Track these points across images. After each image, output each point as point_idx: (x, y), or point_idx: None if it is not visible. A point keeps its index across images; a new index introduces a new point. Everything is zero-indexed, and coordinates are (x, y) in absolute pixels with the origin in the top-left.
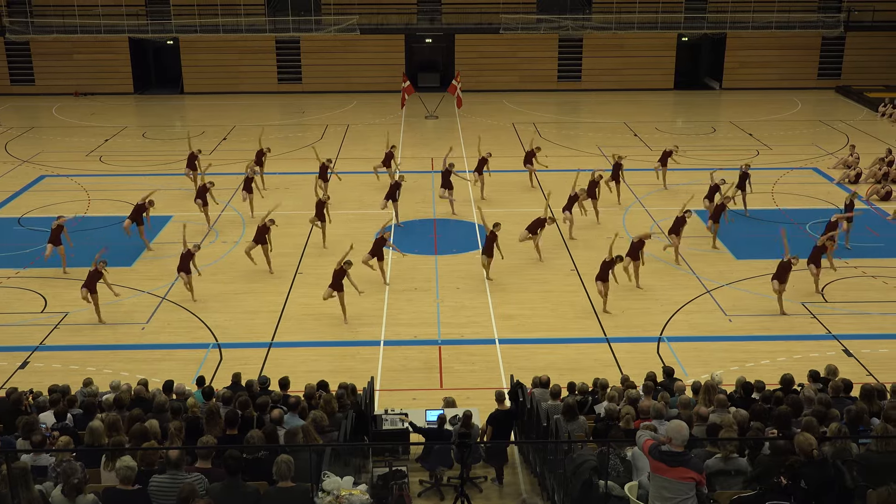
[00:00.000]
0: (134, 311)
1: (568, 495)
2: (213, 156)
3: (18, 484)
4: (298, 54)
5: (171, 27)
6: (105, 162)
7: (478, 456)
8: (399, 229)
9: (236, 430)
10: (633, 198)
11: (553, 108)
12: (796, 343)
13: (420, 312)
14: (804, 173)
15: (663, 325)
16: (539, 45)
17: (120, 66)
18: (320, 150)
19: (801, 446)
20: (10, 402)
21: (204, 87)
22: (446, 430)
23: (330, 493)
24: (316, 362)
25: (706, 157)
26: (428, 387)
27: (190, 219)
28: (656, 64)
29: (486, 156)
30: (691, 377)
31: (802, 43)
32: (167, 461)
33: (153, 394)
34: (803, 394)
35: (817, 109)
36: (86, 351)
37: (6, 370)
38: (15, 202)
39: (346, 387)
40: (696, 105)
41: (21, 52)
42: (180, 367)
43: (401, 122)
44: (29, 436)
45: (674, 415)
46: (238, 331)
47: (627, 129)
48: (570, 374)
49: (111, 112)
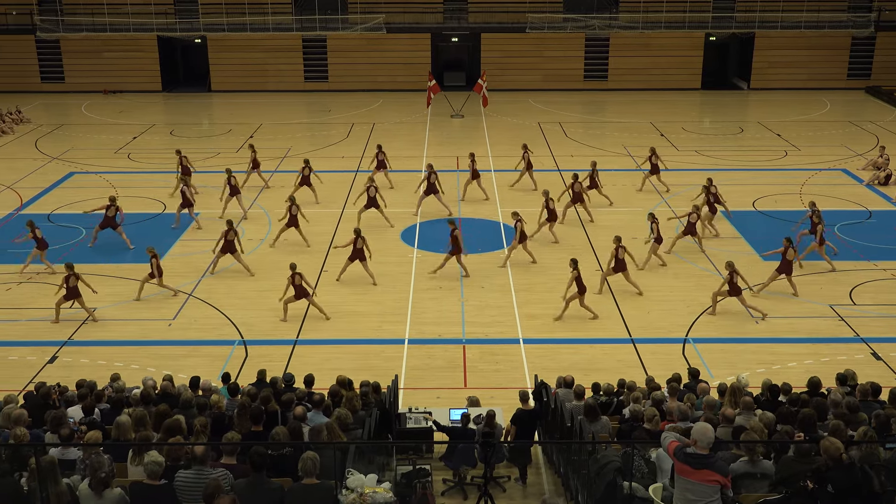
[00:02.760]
0: (161, 307)
1: (592, 496)
2: (241, 154)
3: (47, 477)
4: (325, 53)
5: (199, 26)
6: (133, 159)
7: (501, 455)
8: (424, 228)
9: (261, 427)
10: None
11: (579, 108)
12: (824, 346)
13: (445, 311)
14: (833, 174)
15: (689, 326)
16: (565, 45)
17: (148, 64)
18: (343, 150)
19: (828, 450)
20: (38, 396)
21: (231, 85)
22: (470, 430)
23: (354, 491)
24: (340, 360)
25: (734, 157)
26: (452, 386)
27: (212, 216)
28: (683, 64)
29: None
30: (717, 379)
31: (832, 43)
32: (193, 457)
33: (179, 389)
34: (830, 397)
35: (847, 110)
36: (113, 346)
37: (35, 364)
38: (44, 198)
39: (369, 385)
40: (723, 105)
41: (52, 51)
42: (206, 364)
43: (426, 120)
44: (57, 430)
45: (699, 416)
46: (263, 328)
47: (654, 129)
48: (594, 374)
49: (139, 110)
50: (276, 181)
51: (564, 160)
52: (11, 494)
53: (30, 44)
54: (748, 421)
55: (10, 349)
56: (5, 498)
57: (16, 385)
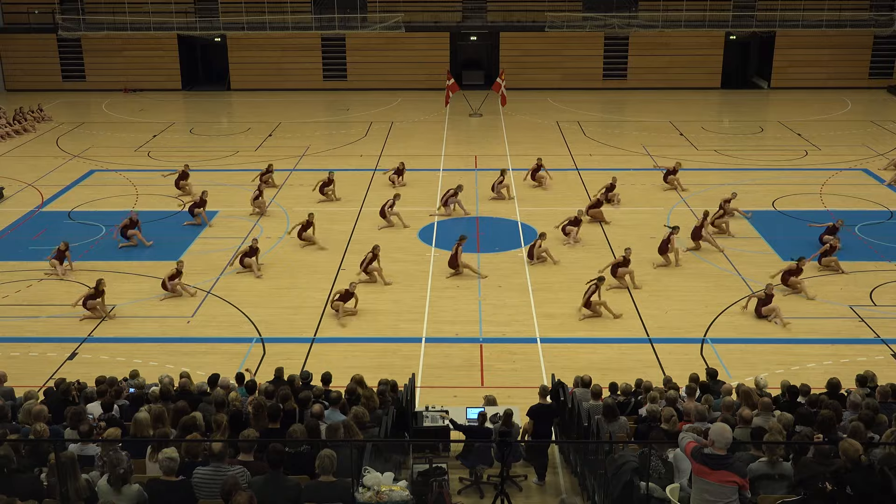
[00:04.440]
0: (180, 304)
1: (608, 496)
2: (259, 152)
3: (66, 472)
4: (344, 51)
5: (219, 24)
6: (153, 157)
7: (518, 455)
8: (442, 226)
9: (278, 425)
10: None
11: (598, 107)
12: (844, 347)
13: (462, 310)
14: (854, 174)
15: (707, 326)
16: (584, 43)
17: (168, 62)
18: (361, 149)
19: (847, 452)
20: (58, 392)
21: (250, 83)
22: (487, 428)
23: (370, 489)
24: (357, 358)
25: (754, 157)
26: (469, 384)
27: (235, 213)
28: (703, 62)
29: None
30: (735, 380)
31: (854, 42)
32: (210, 453)
33: (198, 387)
34: (850, 399)
35: (868, 109)
36: (132, 343)
37: (55, 361)
38: (65, 196)
39: (387, 383)
40: (743, 104)
41: (73, 49)
42: (224, 361)
43: (444, 119)
44: (76, 426)
45: (716, 417)
46: (281, 326)
47: (673, 129)
48: (611, 374)
49: (159, 108)
50: (294, 179)
51: (583, 159)
52: (31, 489)
53: (51, 42)
54: (766, 422)
55: (31, 345)
56: (25, 492)
57: (36, 381)
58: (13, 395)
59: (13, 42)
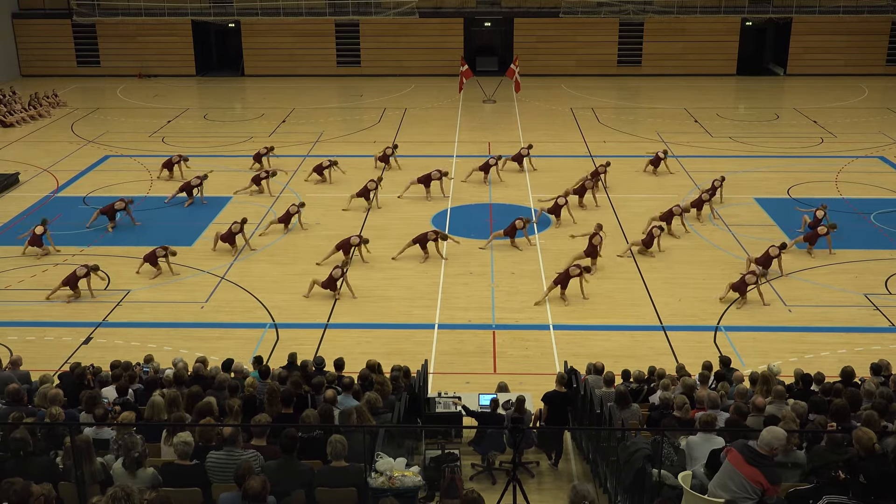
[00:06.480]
0: (194, 289)
1: (621, 483)
2: (273, 138)
3: (81, 456)
4: (357, 37)
5: (233, 10)
6: (167, 143)
7: (530, 441)
8: (455, 212)
9: (291, 410)
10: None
11: (612, 94)
12: (858, 335)
13: (475, 296)
14: (870, 162)
15: (720, 314)
16: (599, 30)
17: (183, 48)
18: (375, 135)
19: (860, 441)
20: (73, 376)
21: (264, 69)
22: (499, 415)
23: (383, 474)
24: (370, 344)
25: (769, 144)
26: (481, 371)
27: (247, 199)
28: (719, 49)
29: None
30: (749, 368)
31: (871, 28)
32: (223, 438)
33: (212, 371)
34: (864, 387)
35: (886, 97)
36: (147, 328)
37: (71, 345)
38: (80, 181)
39: (400, 369)
40: (759, 91)
41: (88, 35)
42: (238, 346)
43: (458, 105)
44: (92, 409)
45: (730, 405)
46: (295, 311)
47: (688, 115)
48: (624, 361)
49: (173, 94)
50: (308, 165)
51: (597, 146)
52: (47, 472)
53: (66, 28)
54: (780, 410)
55: (46, 329)
56: (41, 475)
57: (52, 365)
58: (29, 378)
59: (28, 27)
